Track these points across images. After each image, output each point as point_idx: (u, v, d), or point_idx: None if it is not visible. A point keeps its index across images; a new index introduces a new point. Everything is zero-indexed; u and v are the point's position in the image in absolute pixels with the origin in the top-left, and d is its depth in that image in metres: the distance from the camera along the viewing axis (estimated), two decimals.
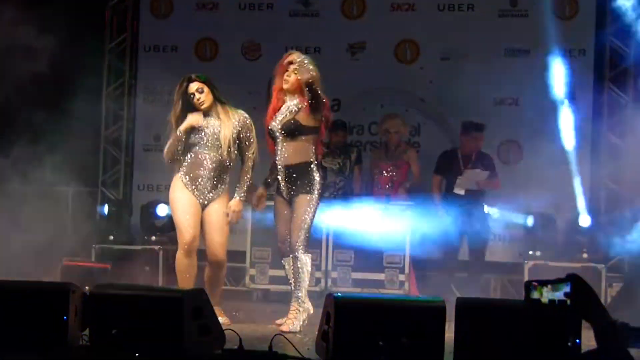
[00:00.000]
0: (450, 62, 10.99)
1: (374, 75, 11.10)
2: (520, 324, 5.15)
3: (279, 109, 7.11)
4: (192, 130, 7.02)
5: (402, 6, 11.19)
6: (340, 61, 11.06)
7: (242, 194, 7.12)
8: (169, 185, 7.28)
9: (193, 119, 7.02)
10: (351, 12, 11.32)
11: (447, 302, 5.29)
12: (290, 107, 7.06)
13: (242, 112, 7.16)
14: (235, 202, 7.09)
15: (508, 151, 10.84)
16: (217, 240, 7.06)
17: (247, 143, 7.08)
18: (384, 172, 9.99)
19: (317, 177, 7.03)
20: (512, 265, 10.36)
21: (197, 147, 7.04)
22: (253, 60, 11.36)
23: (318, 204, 7.07)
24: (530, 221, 9.99)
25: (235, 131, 7.05)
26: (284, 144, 7.01)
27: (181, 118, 7.08)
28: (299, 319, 6.93)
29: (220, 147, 7.01)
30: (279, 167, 7.06)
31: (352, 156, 10.09)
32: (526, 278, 9.42)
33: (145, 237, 10.32)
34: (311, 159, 7.02)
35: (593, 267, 9.42)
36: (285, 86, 7.04)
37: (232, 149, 7.04)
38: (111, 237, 10.31)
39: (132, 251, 10.09)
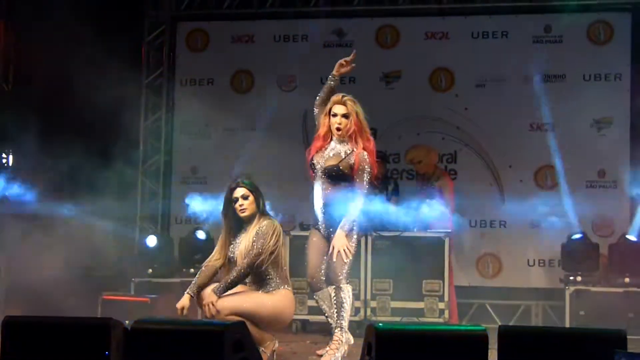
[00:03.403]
0: (485, 89, 10.98)
1: (409, 104, 11.11)
2: (565, 352, 5.09)
3: (325, 146, 7.08)
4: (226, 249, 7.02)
5: (436, 35, 11.21)
6: (375, 90, 11.08)
7: (218, 289, 6.76)
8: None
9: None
10: (385, 41, 11.35)
11: (488, 330, 5.26)
12: (340, 150, 7.03)
13: (264, 222, 6.91)
14: (208, 294, 6.79)
15: (545, 176, 10.78)
16: None
17: (256, 247, 6.83)
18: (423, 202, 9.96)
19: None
20: (552, 291, 10.28)
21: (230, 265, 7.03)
22: (289, 92, 11.40)
23: (359, 237, 7.07)
24: (570, 246, 9.88)
25: (251, 245, 6.89)
26: (326, 184, 7.00)
27: (229, 223, 7.03)
28: (340, 350, 6.90)
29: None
30: (318, 202, 7.03)
31: (388, 188, 10.07)
32: (568, 304, 9.36)
33: (184, 270, 10.33)
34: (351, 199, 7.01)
35: (636, 292, 9.32)
36: (338, 134, 7.03)
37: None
38: (150, 271, 10.33)
39: (171, 284, 10.10)
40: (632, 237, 9.78)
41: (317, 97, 7.28)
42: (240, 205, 6.95)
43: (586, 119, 10.61)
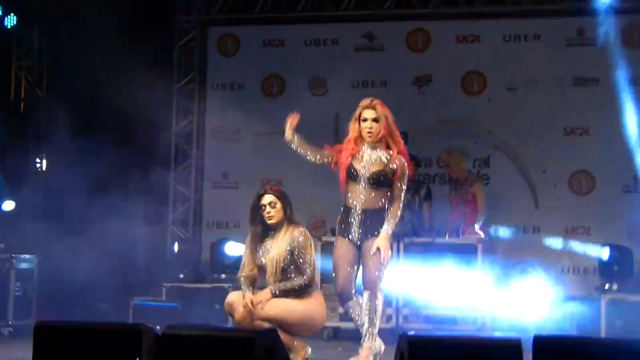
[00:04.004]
0: (517, 93, 10.90)
1: (441, 108, 11.07)
2: None
3: (360, 152, 7.01)
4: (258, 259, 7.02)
5: (467, 38, 11.15)
6: (406, 94, 11.04)
7: (277, 291, 6.88)
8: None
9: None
10: (416, 45, 11.30)
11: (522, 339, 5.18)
12: (379, 156, 6.98)
13: (296, 232, 6.96)
14: (264, 291, 6.90)
15: (580, 182, 10.67)
16: None
17: (301, 262, 6.90)
18: (453, 206, 9.91)
19: None
20: (587, 299, 10.15)
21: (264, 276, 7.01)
22: (320, 96, 11.38)
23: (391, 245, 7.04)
24: (605, 254, 9.76)
25: (285, 253, 6.89)
26: (367, 190, 6.94)
27: (256, 230, 7.03)
28: (371, 358, 6.86)
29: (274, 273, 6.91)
30: (354, 210, 6.97)
31: (420, 192, 10.00)
32: (603, 313, 9.23)
33: (215, 275, 10.31)
34: (386, 206, 6.96)
35: None
36: (369, 139, 6.97)
37: (282, 272, 6.89)
38: (181, 276, 10.33)
39: (202, 289, 10.09)
40: None
41: (306, 156, 7.20)
42: (268, 213, 6.96)
43: (621, 123, 10.48)
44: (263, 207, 6.97)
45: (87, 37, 10.14)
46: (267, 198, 6.98)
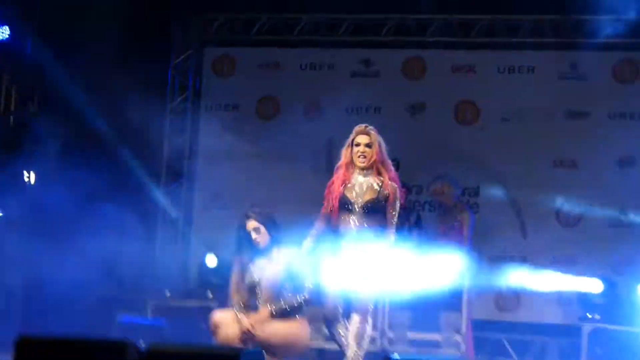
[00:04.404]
0: (509, 124, 10.97)
1: (434, 136, 11.10)
2: None
3: (350, 181, 7.06)
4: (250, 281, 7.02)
5: (462, 68, 11.24)
6: (399, 121, 11.09)
7: (276, 312, 6.87)
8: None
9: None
10: (412, 72, 11.37)
11: None
12: (370, 183, 7.03)
13: (294, 252, 6.97)
14: (263, 314, 6.88)
15: (567, 214, 10.73)
16: None
17: (298, 282, 6.91)
18: (442, 234, 9.95)
19: None
20: (569, 328, 10.21)
21: (257, 293, 7.03)
22: (314, 120, 11.42)
23: None
24: (591, 284, 9.83)
25: (284, 269, 6.90)
26: (360, 218, 6.98)
27: (241, 257, 7.05)
28: None
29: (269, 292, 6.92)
30: (349, 237, 7.00)
31: (410, 219, 10.04)
32: (585, 342, 9.29)
33: (202, 294, 10.34)
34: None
35: None
36: (362, 165, 7.01)
37: (278, 292, 6.90)
38: (168, 293, 10.35)
39: (188, 307, 10.11)
40: None
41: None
42: (255, 239, 6.96)
43: (610, 158, 10.56)
44: (249, 233, 6.97)
45: (81, 52, 10.18)
46: (251, 224, 6.97)
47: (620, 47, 10.68)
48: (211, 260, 10.40)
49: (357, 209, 6.93)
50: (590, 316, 9.57)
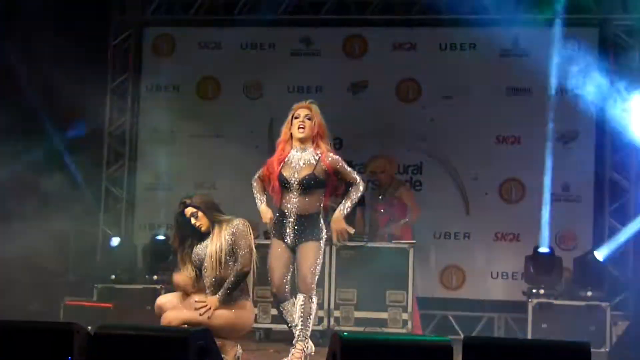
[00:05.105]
0: (451, 101, 11.00)
1: (376, 114, 11.08)
2: None
3: (288, 158, 7.01)
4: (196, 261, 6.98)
5: (403, 45, 11.23)
6: (341, 100, 11.07)
7: (222, 297, 6.81)
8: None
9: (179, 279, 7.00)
10: (353, 51, 11.35)
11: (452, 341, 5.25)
12: (307, 159, 6.98)
13: (236, 221, 6.92)
14: (212, 300, 6.82)
15: (510, 190, 10.82)
16: None
17: (237, 251, 6.84)
18: (381, 211, 9.96)
19: (323, 225, 7.00)
20: (515, 304, 10.30)
21: (203, 271, 6.97)
22: (255, 99, 11.37)
23: (323, 248, 7.06)
24: (534, 260, 9.92)
25: (227, 245, 6.85)
26: (300, 196, 6.94)
27: (181, 242, 7.01)
28: (303, 358, 6.88)
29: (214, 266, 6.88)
30: (288, 215, 6.97)
31: None
32: (530, 317, 9.39)
33: (147, 277, 10.26)
34: (320, 209, 6.99)
35: (598, 306, 9.37)
36: (300, 135, 6.96)
37: (224, 265, 6.85)
38: (113, 277, 10.25)
39: (133, 291, 10.03)
40: (599, 256, 9.81)
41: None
42: (194, 224, 6.91)
43: (552, 133, 10.64)
44: (189, 219, 6.92)
45: (20, 33, 10.00)
46: (188, 211, 6.92)
47: (562, 24, 10.71)
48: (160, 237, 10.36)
49: (295, 187, 6.91)
50: (534, 291, 9.65)
